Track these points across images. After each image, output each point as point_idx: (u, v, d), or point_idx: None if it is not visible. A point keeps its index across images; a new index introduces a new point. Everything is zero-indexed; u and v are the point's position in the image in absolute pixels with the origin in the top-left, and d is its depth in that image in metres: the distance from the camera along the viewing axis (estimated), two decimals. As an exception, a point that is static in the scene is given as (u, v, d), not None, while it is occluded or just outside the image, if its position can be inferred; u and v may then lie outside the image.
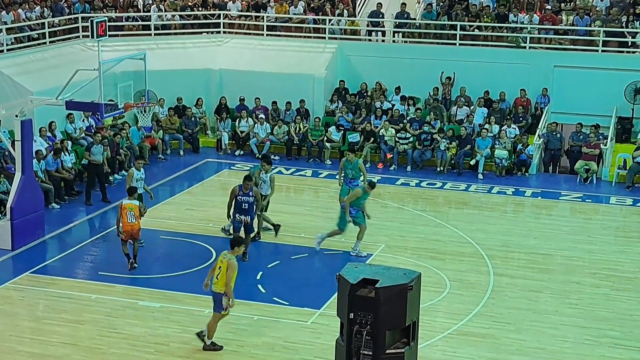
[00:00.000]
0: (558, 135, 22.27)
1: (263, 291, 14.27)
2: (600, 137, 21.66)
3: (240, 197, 15.31)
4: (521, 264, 15.77)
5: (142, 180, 16.46)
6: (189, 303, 13.74)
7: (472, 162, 21.57)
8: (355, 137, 22.80)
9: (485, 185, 20.69)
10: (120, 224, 14.76)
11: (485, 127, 22.07)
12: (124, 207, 14.79)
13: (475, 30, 24.49)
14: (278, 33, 25.70)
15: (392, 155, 22.08)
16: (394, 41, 25.39)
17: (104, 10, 25.18)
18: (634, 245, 17.02)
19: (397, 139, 22.17)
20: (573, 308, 13.82)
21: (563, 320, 13.30)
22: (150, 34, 24.96)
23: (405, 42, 25.29)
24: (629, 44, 23.61)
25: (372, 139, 22.52)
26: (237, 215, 15.39)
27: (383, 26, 25.52)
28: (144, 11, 25.82)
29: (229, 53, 24.99)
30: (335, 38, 25.09)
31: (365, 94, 24.13)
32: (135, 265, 14.99)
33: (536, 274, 15.27)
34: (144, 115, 17.64)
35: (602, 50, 23.26)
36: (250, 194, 15.35)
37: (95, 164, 19.11)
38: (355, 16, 26.03)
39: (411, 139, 22.15)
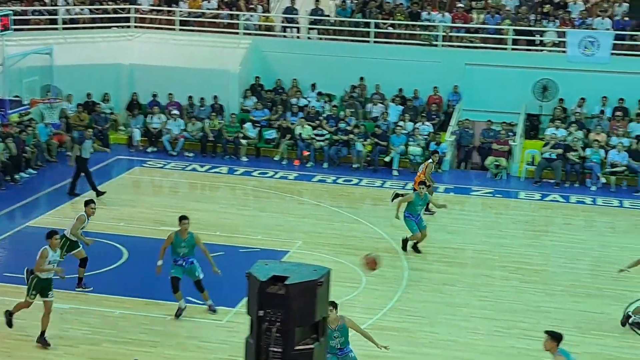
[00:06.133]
0: (470, 132, 22.69)
1: (177, 290, 13.99)
2: (510, 134, 22.16)
3: None
4: (434, 258, 15.98)
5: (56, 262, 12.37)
6: (99, 304, 13.40)
7: (387, 159, 21.75)
8: (272, 134, 22.71)
9: (400, 182, 20.90)
10: None
11: (399, 124, 22.29)
12: None
13: (389, 28, 24.71)
14: (191, 28, 25.36)
15: (308, 152, 22.07)
16: (309, 38, 25.39)
17: (9, 3, 24.29)
18: (542, 238, 17.48)
19: (313, 136, 22.17)
20: (483, 300, 14.08)
21: (474, 313, 13.53)
22: (57, 28, 24.22)
23: (320, 39, 25.32)
24: (537, 42, 24.24)
25: (288, 135, 22.46)
26: None
27: (298, 22, 25.49)
28: (51, 4, 25.06)
29: (140, 48, 24.50)
30: (250, 34, 24.92)
31: (280, 91, 24.03)
32: None
33: (449, 267, 15.51)
34: (51, 111, 17.16)
35: (512, 49, 23.82)
36: None
37: (84, 158, 18.47)
38: (269, 12, 25.91)
39: (327, 136, 22.18)
